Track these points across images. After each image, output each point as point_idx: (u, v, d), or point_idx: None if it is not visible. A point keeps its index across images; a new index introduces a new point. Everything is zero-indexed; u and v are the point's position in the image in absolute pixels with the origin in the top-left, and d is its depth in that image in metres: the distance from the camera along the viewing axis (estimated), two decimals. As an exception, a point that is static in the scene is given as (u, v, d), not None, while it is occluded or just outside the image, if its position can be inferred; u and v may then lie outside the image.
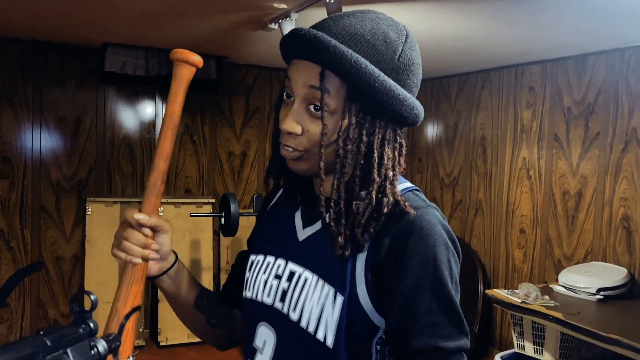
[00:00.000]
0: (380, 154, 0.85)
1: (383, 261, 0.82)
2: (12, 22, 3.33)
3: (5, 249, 3.85)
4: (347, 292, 0.83)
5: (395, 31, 0.87)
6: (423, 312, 0.80)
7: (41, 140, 3.92)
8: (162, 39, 3.66)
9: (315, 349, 0.85)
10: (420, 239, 0.81)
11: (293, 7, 2.68)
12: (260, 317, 0.94)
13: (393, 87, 0.83)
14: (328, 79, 0.82)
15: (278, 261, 0.94)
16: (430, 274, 0.80)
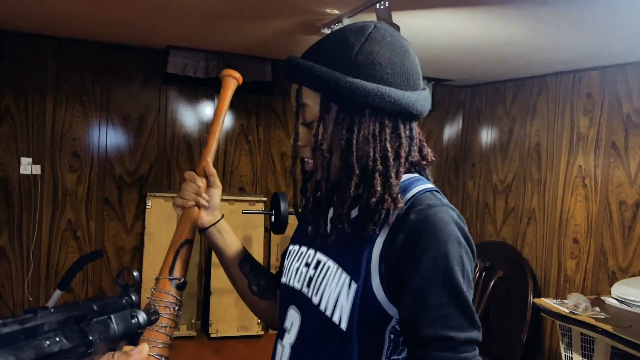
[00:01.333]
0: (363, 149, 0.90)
1: (397, 255, 0.86)
2: (83, 25, 3.58)
3: (71, 238, 4.12)
4: (361, 281, 0.88)
5: (355, 33, 0.92)
6: (434, 304, 0.84)
7: (107, 137, 4.17)
8: (221, 42, 3.82)
9: (331, 331, 0.90)
10: (433, 235, 0.84)
11: (345, 13, 2.75)
12: (291, 300, 1.02)
13: (357, 85, 0.88)
14: (305, 94, 0.93)
15: (309, 251, 1.01)
16: (442, 269, 0.84)
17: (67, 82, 4.05)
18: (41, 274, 4.07)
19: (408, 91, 0.92)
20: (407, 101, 0.91)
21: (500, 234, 4.59)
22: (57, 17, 3.35)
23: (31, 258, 4.03)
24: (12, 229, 3.98)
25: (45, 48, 3.97)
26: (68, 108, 4.06)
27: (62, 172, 4.07)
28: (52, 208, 4.05)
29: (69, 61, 4.04)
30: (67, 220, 4.10)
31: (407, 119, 0.93)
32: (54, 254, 4.09)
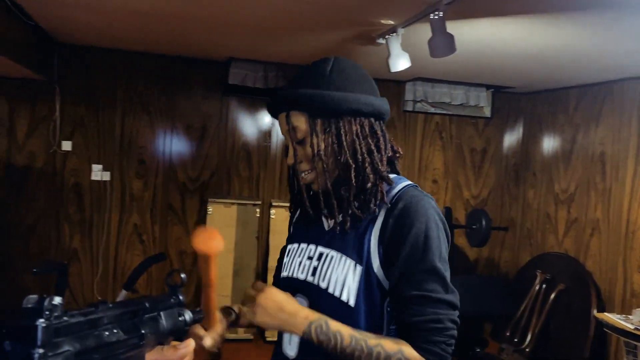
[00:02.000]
0: (352, 147, 1.11)
1: (389, 236, 1.08)
2: (150, 40, 3.78)
3: (137, 241, 4.34)
4: (364, 264, 1.09)
5: (322, 62, 1.16)
6: (414, 272, 1.05)
7: (171, 145, 4.38)
8: (279, 53, 3.93)
9: (340, 308, 1.09)
10: (415, 219, 1.06)
11: (399, 23, 2.78)
12: (296, 290, 1.18)
13: (337, 96, 1.10)
14: (293, 118, 1.13)
15: (310, 246, 1.20)
16: (422, 244, 1.06)
17: (135, 93, 4.28)
18: (109, 274, 4.31)
19: (374, 96, 1.15)
20: (376, 103, 1.14)
21: (562, 246, 4.44)
22: (127, 32, 3.56)
23: (100, 259, 4.27)
24: (84, 231, 4.24)
25: (115, 62, 4.22)
26: (135, 118, 4.29)
27: (129, 179, 4.30)
28: (119, 212, 4.29)
29: (137, 73, 4.27)
30: (134, 224, 4.33)
31: (378, 119, 1.16)
32: (121, 255, 4.32)
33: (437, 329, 1.05)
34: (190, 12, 2.90)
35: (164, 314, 0.68)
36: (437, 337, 1.05)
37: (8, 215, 4.10)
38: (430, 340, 1.05)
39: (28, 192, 4.13)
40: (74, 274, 4.21)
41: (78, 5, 2.90)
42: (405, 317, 1.07)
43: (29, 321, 0.45)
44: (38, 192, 4.15)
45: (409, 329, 1.07)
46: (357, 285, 1.09)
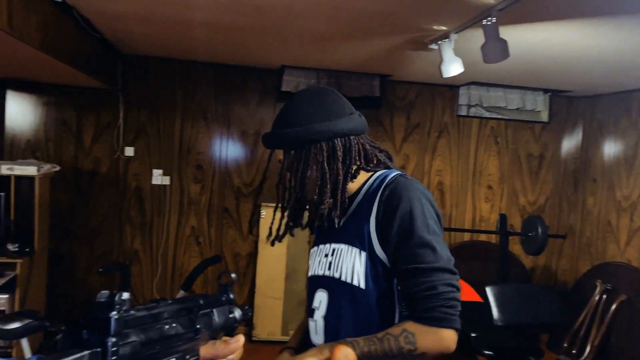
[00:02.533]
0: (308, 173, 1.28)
1: (381, 221, 1.23)
2: (208, 49, 3.92)
3: (194, 243, 4.50)
4: (367, 249, 1.24)
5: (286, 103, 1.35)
6: (405, 247, 1.19)
7: (227, 151, 4.51)
8: (331, 60, 3.99)
9: (354, 292, 1.25)
10: (400, 200, 1.21)
11: (452, 29, 2.77)
12: (317, 285, 1.35)
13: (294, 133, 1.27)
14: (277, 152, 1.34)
15: (326, 245, 1.35)
16: (408, 221, 1.19)
17: (193, 101, 4.44)
18: (167, 275, 4.48)
19: (332, 120, 1.28)
20: (332, 127, 1.27)
21: (624, 255, 4.26)
22: (186, 43, 3.71)
23: (159, 260, 4.45)
24: (144, 233, 4.44)
25: (175, 71, 4.40)
26: (194, 124, 4.45)
27: (187, 183, 4.46)
28: (178, 215, 4.46)
29: (195, 81, 4.43)
30: (191, 226, 4.48)
31: (341, 137, 1.29)
32: (179, 257, 4.49)
33: (433, 295, 1.15)
34: (246, 23, 3.00)
35: (216, 311, 0.73)
36: (433, 302, 1.15)
37: (75, 218, 4.34)
38: (428, 307, 1.15)
39: (93, 196, 4.36)
40: (135, 274, 4.40)
41: (140, 18, 3.05)
42: (404, 290, 1.21)
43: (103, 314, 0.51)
44: (102, 196, 4.37)
45: (409, 300, 1.20)
46: (364, 270, 1.24)
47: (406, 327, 1.17)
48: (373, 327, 1.22)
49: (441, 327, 1.15)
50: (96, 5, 2.83)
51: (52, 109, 4.28)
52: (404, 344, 1.15)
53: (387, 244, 1.22)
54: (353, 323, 1.26)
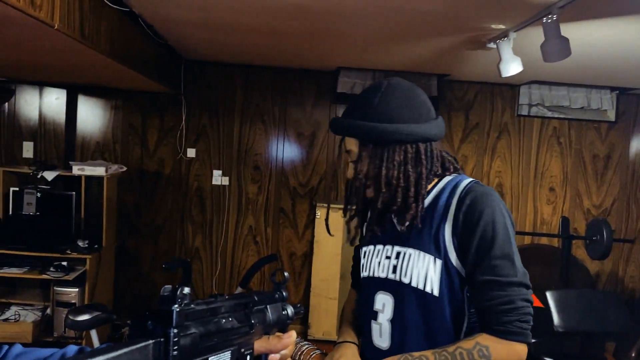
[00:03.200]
0: (390, 173, 1.23)
1: (461, 229, 1.21)
2: (265, 54, 4.01)
3: (252, 242, 4.61)
4: (442, 257, 1.23)
5: (374, 89, 1.28)
6: (485, 258, 1.18)
7: (283, 152, 4.59)
8: (387, 61, 3.99)
9: (426, 299, 1.24)
10: (483, 211, 1.20)
11: (511, 27, 2.72)
12: (377, 287, 1.33)
13: (382, 128, 1.22)
14: (347, 142, 1.30)
15: (386, 247, 1.33)
16: (490, 233, 1.18)
17: (251, 103, 4.55)
18: (226, 272, 4.62)
19: (420, 123, 1.24)
20: (420, 131, 1.24)
21: (699, 262, 4.02)
22: (244, 48, 3.81)
23: (219, 258, 4.59)
24: (204, 232, 4.59)
25: (234, 74, 4.52)
26: (252, 126, 4.56)
27: (245, 183, 4.58)
28: (236, 215, 4.58)
29: (253, 84, 4.54)
30: (249, 226, 4.60)
31: (425, 142, 1.25)
32: (237, 255, 4.61)
33: (509, 310, 1.16)
34: (303, 29, 3.05)
35: (270, 307, 0.76)
36: (509, 316, 1.16)
37: (141, 217, 4.55)
38: (504, 321, 1.16)
39: (157, 196, 4.56)
40: (195, 271, 4.56)
41: (201, 25, 3.17)
42: (479, 302, 1.20)
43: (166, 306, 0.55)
44: (166, 196, 4.56)
45: (483, 312, 1.20)
46: (439, 277, 1.23)
47: (479, 341, 1.17)
48: (442, 333, 1.24)
49: (516, 341, 1.16)
50: (161, 13, 2.96)
51: (119, 112, 4.51)
52: (478, 357, 1.16)
53: (466, 254, 1.21)
54: (422, 329, 1.26)
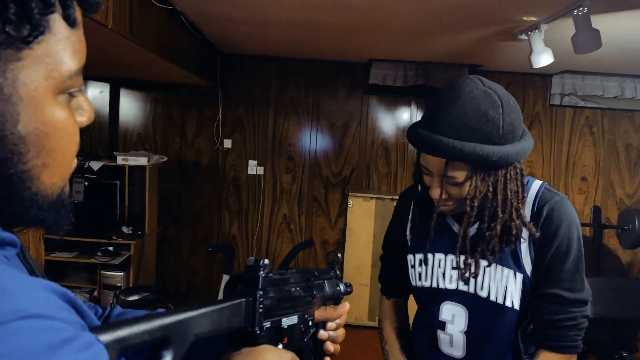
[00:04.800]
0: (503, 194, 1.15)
1: (539, 242, 1.21)
2: (299, 47, 4.12)
3: (286, 230, 4.76)
4: (522, 271, 1.22)
5: (492, 107, 1.11)
6: (556, 272, 1.20)
7: (317, 142, 4.72)
8: (418, 53, 4.05)
9: (504, 313, 1.24)
10: (560, 224, 1.20)
11: (542, 19, 2.76)
12: (443, 298, 1.29)
13: (504, 152, 1.11)
14: (452, 166, 1.13)
15: (449, 257, 1.27)
16: (565, 247, 1.20)
17: (285, 95, 4.68)
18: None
19: (525, 139, 1.17)
20: (527, 147, 1.17)
21: None
22: (279, 41, 3.94)
23: (254, 245, 4.76)
24: (240, 220, 4.76)
25: (269, 67, 4.65)
26: (286, 118, 4.70)
27: (280, 173, 4.72)
28: (271, 203, 4.73)
29: (287, 77, 4.67)
30: (283, 214, 4.75)
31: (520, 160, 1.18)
32: (272, 242, 4.77)
33: (571, 326, 1.21)
34: (337, 22, 3.15)
35: (327, 282, 0.88)
36: (570, 332, 1.21)
37: (181, 205, 4.75)
38: (565, 336, 1.21)
39: (196, 185, 4.74)
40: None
41: (239, 20, 3.30)
42: (542, 314, 1.23)
43: (253, 273, 0.68)
44: (204, 185, 4.74)
45: (543, 325, 1.23)
46: (521, 291, 1.22)
47: None
48: (513, 341, 1.27)
49: (571, 353, 1.23)
50: (202, 10, 3.09)
51: (159, 105, 4.69)
52: None
53: (540, 265, 1.21)
54: (501, 339, 1.27)
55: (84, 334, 0.40)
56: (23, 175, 0.47)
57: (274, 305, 0.70)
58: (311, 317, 0.82)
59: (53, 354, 0.37)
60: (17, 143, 0.46)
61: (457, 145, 1.09)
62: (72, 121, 0.50)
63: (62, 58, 0.47)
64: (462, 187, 1.15)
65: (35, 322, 0.38)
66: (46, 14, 0.44)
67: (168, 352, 0.51)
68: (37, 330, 0.37)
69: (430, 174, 1.18)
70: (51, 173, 0.49)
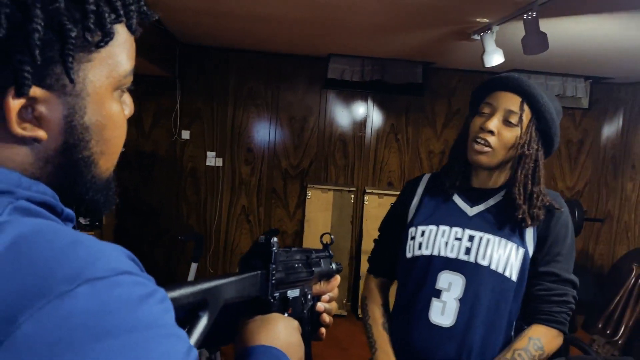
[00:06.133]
0: (536, 163, 1.35)
1: (542, 231, 1.36)
2: (259, 40, 4.17)
3: (245, 221, 4.81)
4: (525, 247, 1.34)
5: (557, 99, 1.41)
6: (554, 252, 1.35)
7: (275, 135, 4.78)
8: (376, 49, 4.18)
9: (503, 283, 1.34)
10: (563, 224, 1.36)
11: (494, 21, 2.94)
12: (442, 267, 1.37)
13: (558, 127, 1.35)
14: (524, 107, 1.32)
15: (454, 229, 1.38)
16: (563, 234, 1.36)
17: (244, 88, 4.72)
18: (219, 249, 4.81)
19: None
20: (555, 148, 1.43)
21: (661, 240, 4.35)
22: (240, 33, 3.97)
23: (212, 236, 4.78)
24: (199, 211, 4.77)
25: (228, 59, 4.67)
26: (245, 110, 4.73)
27: (239, 165, 4.76)
28: (230, 195, 4.77)
29: (247, 70, 4.70)
30: (242, 205, 4.79)
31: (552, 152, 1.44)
32: (231, 233, 4.81)
33: (561, 302, 1.33)
34: (303, 17, 3.22)
35: (322, 260, 0.97)
36: (559, 308, 1.33)
37: (139, 196, 4.70)
38: (555, 311, 1.32)
39: (154, 176, 4.71)
40: (190, 248, 4.74)
41: (204, 12, 3.32)
42: (536, 290, 1.34)
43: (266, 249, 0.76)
44: (161, 176, 4.72)
45: (536, 300, 1.34)
46: (520, 265, 1.34)
47: (531, 335, 1.31)
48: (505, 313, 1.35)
49: (561, 330, 1.33)
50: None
51: (115, 95, 4.62)
52: (534, 351, 1.30)
53: (541, 247, 1.35)
54: (492, 310, 1.34)
55: (160, 289, 0.48)
56: (87, 160, 0.55)
57: (282, 279, 0.78)
58: (310, 291, 0.91)
59: (144, 303, 0.45)
60: (83, 132, 0.53)
61: (544, 96, 1.32)
62: (123, 115, 0.58)
63: (121, 60, 0.55)
64: (512, 133, 1.32)
65: (129, 278, 0.46)
66: (115, 23, 0.52)
67: (204, 313, 0.59)
68: (131, 284, 0.46)
69: (494, 110, 1.33)
70: (106, 160, 0.57)
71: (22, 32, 0.46)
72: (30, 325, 0.40)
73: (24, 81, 0.47)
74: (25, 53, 0.47)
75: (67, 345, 0.40)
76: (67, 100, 0.51)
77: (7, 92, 0.48)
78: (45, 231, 0.46)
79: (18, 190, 0.49)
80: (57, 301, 0.41)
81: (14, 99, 0.48)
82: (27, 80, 0.47)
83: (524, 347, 1.30)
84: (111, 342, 0.42)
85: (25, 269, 0.42)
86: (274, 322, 0.73)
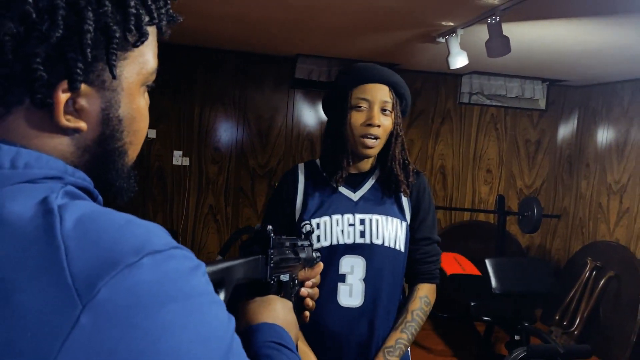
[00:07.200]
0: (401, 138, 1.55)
1: (415, 200, 1.56)
2: (227, 38, 4.18)
3: (212, 221, 4.80)
4: (406, 220, 1.53)
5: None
6: (427, 222, 1.56)
7: (243, 134, 4.79)
8: (343, 50, 4.26)
9: (395, 255, 1.50)
10: (426, 187, 1.59)
11: (459, 25, 3.05)
12: (342, 253, 1.47)
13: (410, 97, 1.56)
14: (392, 94, 1.49)
15: (345, 216, 1.49)
16: (428, 204, 1.58)
17: (211, 87, 4.71)
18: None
19: None
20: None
21: (613, 235, 4.59)
22: (207, 32, 3.97)
23: (179, 235, 4.75)
24: (165, 210, 4.73)
25: (195, 58, 4.65)
26: (212, 109, 4.73)
27: (206, 164, 4.75)
28: (197, 194, 4.75)
29: (214, 68, 4.70)
30: (209, 205, 4.78)
31: None
32: (198, 233, 4.79)
33: (434, 261, 1.57)
34: (272, 17, 3.26)
35: (306, 248, 1.03)
36: (434, 266, 1.58)
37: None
38: (431, 269, 1.57)
39: (118, 175, 4.64)
40: (156, 248, 4.70)
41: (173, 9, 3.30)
42: (417, 254, 1.55)
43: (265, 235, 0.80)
44: (127, 175, 4.65)
45: (416, 262, 1.55)
46: (405, 236, 1.52)
47: (420, 295, 1.54)
48: (399, 281, 1.54)
49: (436, 283, 1.59)
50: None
51: (79, 92, 4.54)
52: (425, 307, 1.54)
53: (416, 217, 1.56)
54: (391, 281, 1.50)
55: (202, 262, 0.54)
56: (119, 150, 0.60)
57: (278, 262, 0.83)
58: (296, 277, 0.96)
59: (194, 274, 0.51)
60: (117, 124, 0.58)
61: (398, 77, 1.50)
62: (147, 108, 0.62)
63: (149, 58, 0.61)
64: (389, 120, 1.48)
65: (180, 252, 0.51)
66: (150, 25, 0.58)
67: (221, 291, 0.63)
68: (182, 257, 0.51)
69: (372, 104, 1.46)
70: (134, 150, 0.63)
71: (76, 33, 0.50)
72: (107, 291, 0.45)
73: (77, 77, 0.52)
74: (77, 51, 0.51)
75: (139, 309, 0.46)
76: (105, 95, 0.56)
77: (58, 87, 0.52)
78: (102, 211, 0.51)
79: (66, 176, 0.54)
80: (126, 270, 0.46)
81: (64, 93, 0.52)
82: (79, 77, 0.52)
83: (418, 306, 1.51)
84: (174, 306, 0.48)
85: (96, 243, 0.47)
86: (273, 303, 0.78)
